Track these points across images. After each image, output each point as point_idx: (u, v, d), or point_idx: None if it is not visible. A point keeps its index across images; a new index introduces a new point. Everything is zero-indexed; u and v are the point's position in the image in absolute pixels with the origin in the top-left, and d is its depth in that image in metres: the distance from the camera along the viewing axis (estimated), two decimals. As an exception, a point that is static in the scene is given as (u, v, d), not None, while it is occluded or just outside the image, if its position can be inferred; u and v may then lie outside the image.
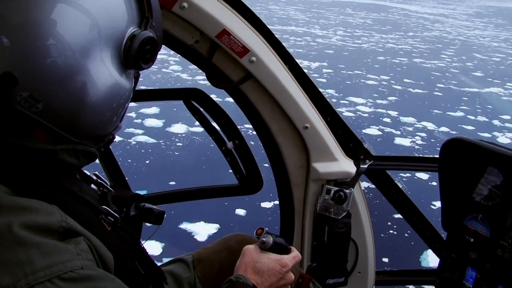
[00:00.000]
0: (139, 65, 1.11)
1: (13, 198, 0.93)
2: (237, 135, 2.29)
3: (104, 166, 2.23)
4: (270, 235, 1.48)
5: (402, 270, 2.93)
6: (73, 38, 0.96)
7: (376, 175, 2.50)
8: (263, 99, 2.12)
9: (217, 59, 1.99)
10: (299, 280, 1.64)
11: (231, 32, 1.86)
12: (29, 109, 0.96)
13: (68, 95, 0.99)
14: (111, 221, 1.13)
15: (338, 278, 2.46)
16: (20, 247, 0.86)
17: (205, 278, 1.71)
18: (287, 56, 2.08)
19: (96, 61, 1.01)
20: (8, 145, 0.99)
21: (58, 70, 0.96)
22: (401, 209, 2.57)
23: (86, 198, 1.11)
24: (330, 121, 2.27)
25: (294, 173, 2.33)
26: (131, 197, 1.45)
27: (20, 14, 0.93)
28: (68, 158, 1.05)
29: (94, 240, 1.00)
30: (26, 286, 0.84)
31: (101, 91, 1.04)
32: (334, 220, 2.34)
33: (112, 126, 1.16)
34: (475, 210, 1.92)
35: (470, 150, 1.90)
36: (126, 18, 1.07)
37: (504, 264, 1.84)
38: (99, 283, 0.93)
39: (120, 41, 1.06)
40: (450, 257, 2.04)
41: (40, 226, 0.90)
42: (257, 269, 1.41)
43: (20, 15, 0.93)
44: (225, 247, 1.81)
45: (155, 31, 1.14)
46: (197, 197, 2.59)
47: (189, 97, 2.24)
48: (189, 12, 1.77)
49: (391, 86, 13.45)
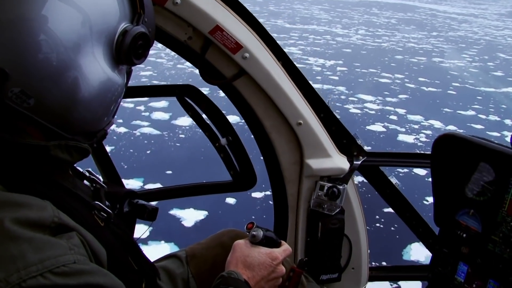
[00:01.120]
0: (131, 61, 1.10)
1: (4, 193, 0.93)
2: (231, 132, 2.29)
3: (98, 163, 2.24)
4: (260, 229, 1.49)
5: (395, 266, 2.94)
6: (64, 34, 0.96)
7: (369, 171, 2.51)
8: (257, 96, 2.12)
9: (210, 55, 1.99)
10: (290, 274, 1.64)
11: (224, 28, 1.87)
12: (21, 105, 0.96)
13: (60, 91, 0.98)
14: (104, 216, 1.13)
15: (332, 274, 2.47)
16: (12, 242, 0.86)
17: (198, 274, 1.72)
18: (281, 53, 2.09)
19: (88, 57, 1.01)
20: (0, 141, 0.98)
21: (49, 66, 0.95)
22: (394, 205, 2.58)
23: (79, 194, 1.10)
24: (323, 117, 2.27)
25: (287, 170, 2.34)
26: (124, 193, 1.46)
27: (11, 10, 0.92)
28: (61, 154, 1.04)
29: (87, 235, 0.99)
30: (18, 280, 0.84)
31: (93, 87, 1.03)
32: (328, 216, 2.34)
33: (105, 122, 1.16)
34: (467, 205, 1.93)
35: (462, 146, 1.90)
36: (118, 13, 1.07)
37: (495, 259, 1.86)
38: (92, 278, 0.93)
39: (112, 37, 1.06)
40: (442, 252, 2.06)
41: (32, 221, 0.90)
42: (247, 264, 1.42)
43: (11, 10, 0.92)
44: (218, 243, 1.81)
45: (148, 27, 1.13)
46: (190, 193, 2.60)
47: (183, 93, 2.24)
48: (182, 8, 1.77)
49: (404, 84, 13.37)
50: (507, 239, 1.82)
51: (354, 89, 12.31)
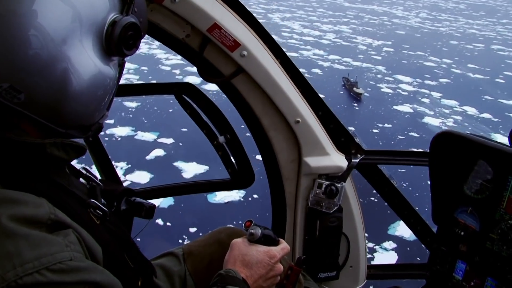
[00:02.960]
0: (122, 52, 1.09)
1: (1, 190, 0.93)
2: (229, 130, 2.29)
3: (95, 161, 2.24)
4: (259, 227, 1.49)
5: (393, 264, 2.95)
6: (53, 27, 0.95)
7: (367, 169, 2.50)
8: (255, 93, 2.12)
9: (208, 53, 1.99)
10: (288, 272, 1.64)
11: (222, 26, 1.87)
12: (11, 101, 0.95)
13: (51, 85, 0.97)
14: (100, 214, 1.13)
15: (330, 272, 2.46)
16: (9, 238, 0.86)
17: (195, 271, 1.71)
18: (278, 51, 2.09)
19: (77, 50, 1.00)
20: None
21: (38, 60, 0.94)
22: (393, 203, 2.57)
23: (75, 191, 1.10)
24: (321, 115, 2.27)
25: (285, 167, 2.34)
26: (121, 191, 1.46)
27: None
28: (57, 152, 1.04)
29: (83, 233, 0.99)
30: (14, 277, 0.84)
31: (84, 80, 1.02)
32: (326, 214, 2.34)
33: (99, 115, 1.15)
34: (465, 203, 1.94)
35: (460, 144, 1.90)
36: (107, 4, 1.06)
37: (493, 257, 1.86)
38: (88, 275, 0.93)
39: (102, 28, 1.05)
40: (440, 250, 2.06)
41: (29, 218, 0.90)
42: (245, 262, 1.42)
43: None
44: (215, 240, 1.81)
45: (138, 17, 1.12)
46: (188, 191, 2.61)
47: (181, 91, 2.24)
48: (180, 6, 1.77)
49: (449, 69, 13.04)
50: (505, 237, 1.82)
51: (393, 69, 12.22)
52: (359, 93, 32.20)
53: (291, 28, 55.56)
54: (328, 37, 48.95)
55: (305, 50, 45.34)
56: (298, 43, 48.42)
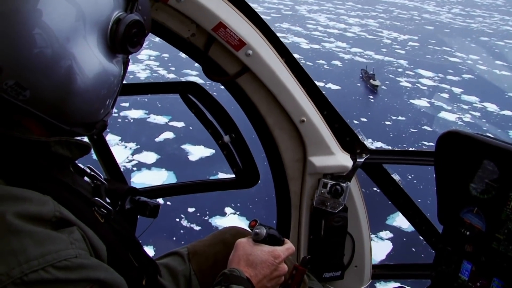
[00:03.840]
0: (127, 49, 1.10)
1: (6, 187, 0.94)
2: (234, 129, 2.30)
3: (100, 160, 2.25)
4: (264, 227, 1.49)
5: (398, 264, 2.94)
6: (57, 25, 0.96)
7: (372, 169, 2.50)
8: (260, 93, 2.12)
9: (213, 52, 2.00)
10: (293, 272, 1.64)
11: (227, 25, 1.87)
12: (16, 98, 0.96)
13: (56, 82, 0.98)
14: (104, 213, 1.13)
15: (335, 272, 2.46)
16: (14, 236, 0.86)
17: (200, 271, 1.72)
18: (284, 50, 2.09)
19: (82, 47, 1.01)
20: (0, 136, 0.99)
21: (43, 58, 0.95)
22: (398, 203, 2.57)
23: (79, 190, 1.10)
24: (326, 114, 2.27)
25: (290, 167, 2.34)
26: (126, 190, 1.46)
27: (5, 2, 0.93)
28: (61, 150, 1.05)
29: (87, 231, 1.00)
30: (20, 274, 0.84)
31: (89, 77, 1.03)
32: (331, 214, 2.35)
33: (103, 112, 1.15)
34: (471, 203, 1.93)
35: (465, 143, 1.90)
36: (112, 2, 1.07)
37: (499, 257, 1.85)
38: (93, 272, 0.94)
39: (106, 26, 1.06)
40: (446, 250, 2.05)
41: (34, 215, 0.90)
42: (250, 262, 1.42)
43: (5, 3, 0.93)
44: (220, 240, 1.81)
45: (142, 15, 1.13)
46: (193, 190, 2.61)
47: (186, 90, 2.25)
48: (185, 5, 1.78)
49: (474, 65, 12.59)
50: (511, 237, 1.82)
51: (416, 64, 11.88)
52: (375, 85, 32.10)
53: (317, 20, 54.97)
54: (353, 30, 48.30)
55: (328, 42, 44.91)
56: (322, 35, 47.88)
